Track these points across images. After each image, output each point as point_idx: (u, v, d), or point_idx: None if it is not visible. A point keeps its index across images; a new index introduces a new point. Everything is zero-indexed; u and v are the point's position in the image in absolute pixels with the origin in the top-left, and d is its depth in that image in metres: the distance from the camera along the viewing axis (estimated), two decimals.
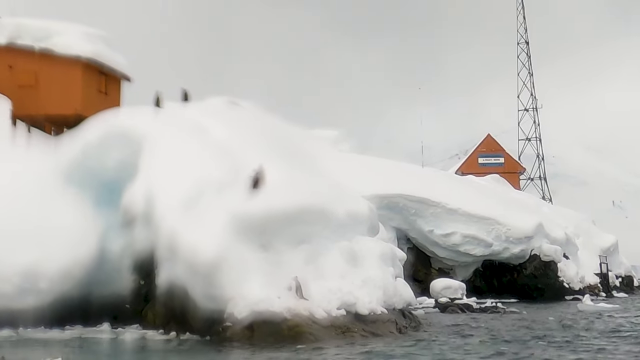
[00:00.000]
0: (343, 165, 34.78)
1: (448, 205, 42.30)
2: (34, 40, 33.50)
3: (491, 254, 42.66)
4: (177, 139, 21.81)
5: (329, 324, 17.66)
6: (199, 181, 19.89)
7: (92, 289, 21.07)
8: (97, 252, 21.32)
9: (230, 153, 21.08)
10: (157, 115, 23.65)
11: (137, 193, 20.42)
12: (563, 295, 43.51)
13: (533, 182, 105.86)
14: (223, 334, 17.40)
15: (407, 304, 21.21)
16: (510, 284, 43.50)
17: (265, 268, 17.97)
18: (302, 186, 20.49)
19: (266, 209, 18.86)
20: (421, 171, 52.11)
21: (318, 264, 18.97)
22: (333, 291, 18.39)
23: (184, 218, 18.86)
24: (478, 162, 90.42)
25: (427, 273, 40.92)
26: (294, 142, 28.36)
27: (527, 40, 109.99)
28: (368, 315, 18.56)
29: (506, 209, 45.48)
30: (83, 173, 22.76)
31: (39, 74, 33.31)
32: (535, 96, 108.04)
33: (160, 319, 19.43)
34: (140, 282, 20.47)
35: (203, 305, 17.84)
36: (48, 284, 20.17)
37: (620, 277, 58.32)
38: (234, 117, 25.14)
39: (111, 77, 35.55)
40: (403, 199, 40.96)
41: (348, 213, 20.69)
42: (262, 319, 17.16)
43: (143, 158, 21.28)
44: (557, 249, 44.63)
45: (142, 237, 19.83)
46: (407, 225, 41.38)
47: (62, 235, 20.92)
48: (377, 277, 19.69)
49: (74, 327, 20.49)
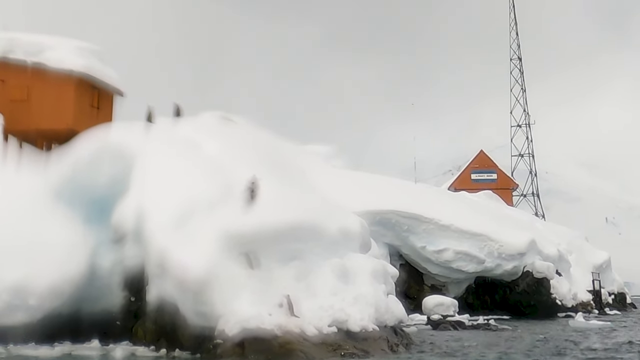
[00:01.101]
0: (335, 181, 34.78)
1: (441, 221, 42.25)
2: (26, 54, 33.40)
3: (484, 270, 42.59)
4: (168, 155, 21.78)
5: (320, 341, 17.56)
6: (190, 198, 19.83)
7: (82, 305, 20.96)
8: (88, 268, 21.22)
9: (222, 169, 21.05)
10: (148, 132, 23.61)
11: (128, 210, 20.35)
12: (555, 312, 43.42)
13: (526, 198, 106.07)
14: (213, 350, 17.27)
15: (398, 321, 21.12)
16: (503, 301, 43.43)
17: (256, 285, 17.88)
18: (294, 203, 20.46)
19: (257, 226, 18.80)
20: (414, 187, 52.10)
21: (309, 281, 18.91)
22: (324, 308, 18.29)
23: (174, 235, 18.78)
24: (471, 178, 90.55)
25: (419, 290, 40.83)
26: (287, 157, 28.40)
27: (519, 57, 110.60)
28: (359, 333, 18.43)
29: (499, 226, 45.47)
30: (74, 189, 22.69)
31: (31, 88, 33.20)
32: (528, 112, 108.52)
33: (151, 336, 19.33)
34: (130, 298, 20.36)
35: (193, 322, 17.77)
36: (38, 300, 20.06)
37: (613, 294, 58.26)
38: (226, 133, 25.11)
39: (103, 92, 35.46)
40: (395, 215, 40.88)
41: (340, 230, 20.65)
42: (252, 336, 17.04)
43: (134, 175, 21.23)
44: (549, 265, 44.58)
45: (132, 254, 19.75)
46: (399, 242, 41.28)
47: (53, 252, 20.81)
48: (368, 294, 19.60)
49: (63, 343, 20.33)
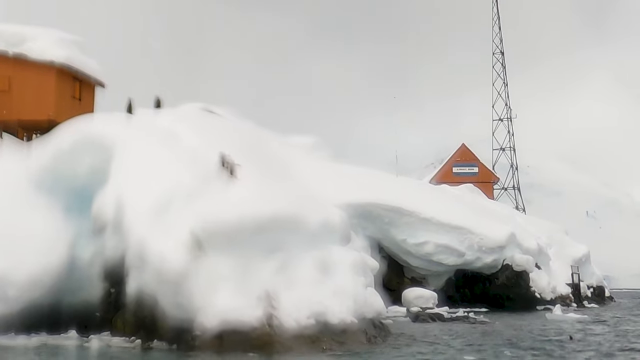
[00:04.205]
0: (318, 173, 34.77)
1: (421, 214, 42.33)
2: (7, 45, 33.22)
3: (464, 263, 42.75)
4: (148, 145, 21.73)
5: (298, 333, 17.60)
6: (169, 188, 19.77)
7: (62, 296, 20.94)
8: (67, 259, 21.20)
9: (201, 160, 21.01)
10: (128, 122, 23.56)
11: (107, 200, 20.33)
12: (534, 305, 43.68)
13: (507, 191, 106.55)
14: (192, 342, 17.28)
15: (377, 313, 21.21)
16: (483, 294, 43.62)
17: (236, 277, 17.86)
18: (275, 194, 20.45)
19: (237, 217, 18.74)
20: (396, 180, 52.19)
21: (289, 273, 18.89)
22: (303, 300, 18.29)
23: (153, 225, 18.75)
24: (452, 172, 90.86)
25: (399, 282, 40.91)
26: (268, 149, 28.42)
27: (502, 51, 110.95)
28: (338, 325, 18.48)
29: (479, 219, 45.66)
30: (54, 179, 22.65)
31: (12, 79, 33.03)
32: (509, 106, 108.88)
33: (130, 327, 19.26)
34: (110, 290, 20.27)
35: (172, 314, 17.76)
36: (17, 291, 20.02)
37: (591, 287, 58.72)
38: (206, 124, 25.10)
39: (85, 83, 35.33)
40: (377, 208, 40.92)
41: (320, 222, 20.64)
42: (231, 328, 17.07)
43: (114, 165, 21.21)
44: (529, 259, 44.85)
45: (112, 244, 19.71)
46: (380, 234, 41.34)
47: (32, 243, 20.79)
48: (348, 286, 19.65)
49: (40, 334, 20.24)
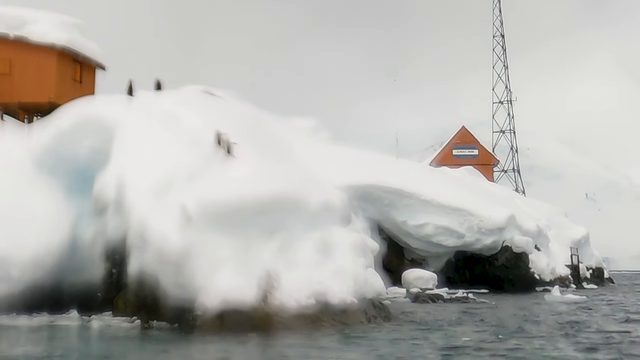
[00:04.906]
0: (318, 155, 34.84)
1: (422, 196, 42.46)
2: (8, 28, 33.30)
3: (463, 245, 42.91)
4: (149, 127, 21.77)
5: (298, 313, 17.76)
6: (170, 169, 19.80)
7: (63, 277, 21.04)
8: (69, 240, 21.31)
9: (202, 141, 21.07)
10: (129, 104, 23.61)
11: (109, 180, 20.40)
12: (534, 287, 43.85)
13: (507, 174, 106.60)
14: (193, 322, 17.37)
15: (377, 294, 21.35)
16: (482, 275, 43.75)
17: (236, 257, 17.96)
18: (275, 175, 20.53)
19: (238, 197, 18.84)
20: (396, 162, 52.28)
21: (290, 253, 19.01)
22: (304, 281, 18.42)
23: (154, 205, 18.79)
24: (452, 154, 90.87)
25: (399, 264, 41.05)
26: (269, 131, 28.45)
27: (502, 34, 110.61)
28: (338, 305, 18.65)
29: (479, 201, 45.79)
30: (55, 160, 22.73)
31: (13, 61, 33.13)
32: (510, 89, 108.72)
33: (131, 307, 19.36)
34: (111, 270, 20.38)
35: (173, 293, 17.83)
36: (19, 271, 20.14)
37: (591, 269, 58.91)
38: (207, 106, 25.13)
39: (86, 66, 35.41)
40: (377, 190, 41.06)
41: (321, 203, 20.74)
42: (232, 308, 17.19)
43: (115, 146, 21.27)
44: (528, 240, 44.99)
45: (113, 225, 19.78)
46: (380, 216, 41.48)
47: (34, 223, 20.89)
48: (348, 267, 19.79)
49: (41, 314, 20.34)
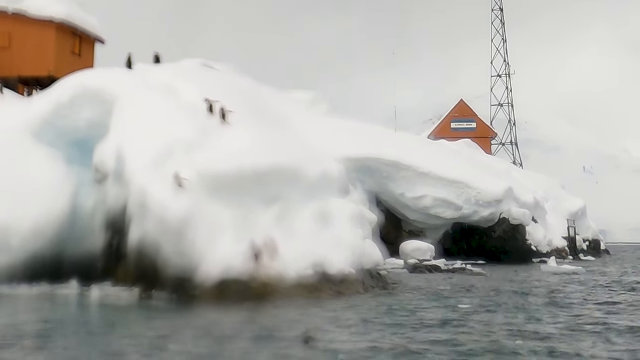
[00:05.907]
0: (317, 127, 34.96)
1: (419, 168, 42.65)
2: (7, 1, 33.32)
3: (461, 216, 43.19)
4: (148, 98, 21.85)
5: (297, 282, 17.95)
6: (169, 139, 19.89)
7: (64, 246, 21.12)
8: (70, 210, 21.40)
9: (200, 112, 21.17)
10: (128, 76, 23.66)
11: (108, 150, 20.47)
12: (530, 258, 44.23)
13: (504, 146, 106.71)
14: (192, 291, 17.52)
15: (375, 264, 21.56)
16: (480, 247, 44.07)
17: (235, 226, 18.12)
18: (274, 146, 20.68)
19: (237, 167, 18.99)
20: (394, 135, 52.38)
21: (288, 223, 19.19)
22: (302, 251, 18.60)
23: (154, 175, 18.86)
24: (450, 127, 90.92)
25: (397, 235, 41.33)
26: (268, 103, 28.54)
27: (501, 7, 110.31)
28: (336, 275, 18.85)
29: (476, 173, 45.99)
30: (55, 131, 22.80)
31: (12, 35, 33.16)
32: (508, 62, 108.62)
33: (131, 277, 19.36)
34: (112, 239, 20.48)
35: (173, 262, 17.92)
36: (20, 241, 20.22)
37: (587, 240, 59.34)
38: (206, 78, 25.18)
39: (84, 39, 35.42)
40: (375, 162, 41.24)
41: (319, 174, 20.91)
42: (231, 277, 17.36)
43: (114, 118, 21.33)
44: (525, 212, 45.24)
45: (113, 194, 19.85)
46: (379, 188, 41.71)
47: (35, 193, 20.97)
48: (346, 237, 19.98)
49: (41, 284, 20.48)
